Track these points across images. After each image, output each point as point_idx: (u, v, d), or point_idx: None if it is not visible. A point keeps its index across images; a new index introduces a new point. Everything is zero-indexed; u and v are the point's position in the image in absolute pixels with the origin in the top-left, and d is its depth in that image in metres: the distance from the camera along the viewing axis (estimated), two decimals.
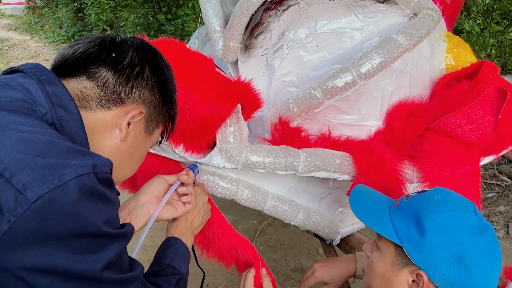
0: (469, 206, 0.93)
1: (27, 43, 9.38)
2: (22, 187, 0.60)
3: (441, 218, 0.89)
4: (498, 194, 3.22)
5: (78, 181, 0.63)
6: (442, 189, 0.99)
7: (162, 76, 0.88)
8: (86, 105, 0.79)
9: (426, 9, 1.48)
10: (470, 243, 0.86)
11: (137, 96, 0.83)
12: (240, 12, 1.36)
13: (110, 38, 0.84)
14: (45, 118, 0.72)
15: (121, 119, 0.82)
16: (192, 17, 6.43)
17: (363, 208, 1.06)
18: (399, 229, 0.93)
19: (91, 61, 0.80)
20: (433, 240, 0.88)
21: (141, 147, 0.90)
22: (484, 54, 4.34)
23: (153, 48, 0.90)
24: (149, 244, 2.76)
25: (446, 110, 1.45)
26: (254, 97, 1.26)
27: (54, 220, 0.61)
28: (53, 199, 0.61)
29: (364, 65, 1.28)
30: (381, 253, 0.97)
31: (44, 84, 0.75)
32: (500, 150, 1.46)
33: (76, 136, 0.75)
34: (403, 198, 1.00)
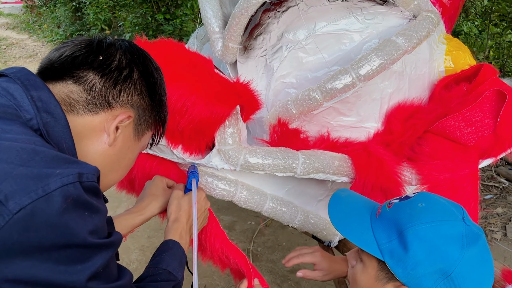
0: (457, 212, 0.86)
1: (25, 42, 9.37)
2: (4, 197, 0.58)
3: (425, 230, 0.82)
4: (496, 196, 3.22)
5: (62, 191, 0.61)
6: (426, 195, 0.91)
7: (151, 79, 0.86)
8: (73, 109, 0.77)
9: (426, 11, 1.48)
10: (457, 257, 0.80)
11: (125, 100, 0.81)
12: (240, 13, 1.36)
13: (97, 41, 0.82)
14: (30, 124, 0.71)
15: (109, 124, 0.80)
16: (190, 17, 6.42)
17: (343, 219, 0.97)
18: (381, 242, 0.86)
19: (78, 65, 0.78)
20: (417, 255, 0.81)
21: (130, 152, 0.88)
22: (482, 56, 4.34)
23: (142, 50, 0.88)
24: (146, 245, 2.76)
25: (445, 112, 1.45)
26: (253, 98, 1.25)
27: (37, 232, 0.59)
28: (36, 210, 0.59)
29: (364, 67, 1.28)
30: (364, 266, 0.92)
31: (29, 89, 0.73)
32: (498, 153, 1.46)
33: (62, 142, 0.74)
34: (385, 206, 0.92)
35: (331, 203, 1.02)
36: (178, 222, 1.09)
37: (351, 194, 1.07)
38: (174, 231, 1.08)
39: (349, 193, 1.08)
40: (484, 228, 2.85)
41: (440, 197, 0.91)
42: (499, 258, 2.55)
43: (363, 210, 0.97)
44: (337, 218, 0.98)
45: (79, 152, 0.78)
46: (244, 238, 2.80)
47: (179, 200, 1.13)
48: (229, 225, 2.91)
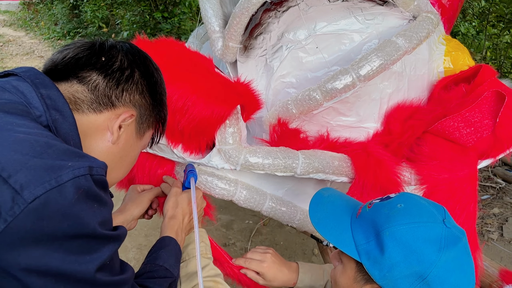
0: (437, 214, 0.84)
1: (22, 39, 9.33)
2: (19, 187, 0.60)
3: (402, 232, 0.80)
4: (493, 196, 3.23)
5: (74, 182, 0.64)
6: (407, 196, 0.89)
7: (151, 79, 0.89)
8: (78, 108, 0.80)
9: (426, 12, 1.48)
10: (434, 260, 0.78)
11: (128, 99, 0.84)
12: (240, 12, 1.36)
13: (99, 43, 0.85)
14: (40, 120, 0.73)
15: (112, 122, 0.82)
16: (188, 16, 6.41)
17: (323, 219, 0.95)
18: (359, 243, 0.85)
19: (81, 66, 0.81)
20: (393, 257, 0.80)
21: (132, 150, 0.90)
22: (479, 57, 4.35)
23: (142, 52, 0.90)
24: (144, 244, 2.75)
25: (444, 113, 1.45)
26: (253, 98, 1.25)
27: (50, 221, 0.61)
28: (49, 200, 0.61)
29: (364, 67, 1.28)
30: (343, 267, 0.91)
31: (38, 87, 0.75)
32: (497, 154, 1.46)
33: (70, 138, 0.76)
34: (366, 206, 0.91)
35: (312, 202, 1.01)
36: (175, 219, 1.11)
37: (334, 193, 1.06)
38: (170, 228, 1.09)
39: (332, 193, 1.06)
40: (480, 228, 2.86)
41: (422, 198, 0.90)
42: (495, 259, 2.55)
43: (344, 210, 0.95)
44: (317, 217, 0.96)
45: (84, 149, 0.80)
46: (241, 237, 2.80)
47: (177, 197, 1.15)
48: (227, 224, 2.91)
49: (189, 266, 1.12)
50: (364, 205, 0.92)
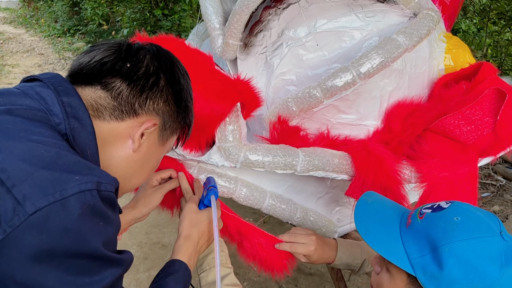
0: (494, 227, 0.81)
1: (22, 36, 9.32)
2: (22, 198, 0.58)
3: (462, 248, 0.78)
4: (493, 194, 3.23)
5: (79, 197, 0.62)
6: (461, 207, 0.85)
7: (177, 86, 0.86)
8: (100, 115, 0.79)
9: (426, 9, 1.48)
10: (496, 277, 0.76)
11: (151, 107, 0.82)
12: (240, 9, 1.36)
13: (126, 46, 0.83)
14: (59, 128, 0.72)
15: (134, 130, 0.81)
16: (189, 13, 6.41)
17: (371, 229, 0.92)
18: (412, 256, 0.83)
19: (106, 72, 0.79)
20: (453, 274, 0.77)
21: (154, 156, 0.89)
22: (480, 54, 4.34)
23: (170, 56, 0.88)
24: (144, 241, 2.76)
25: (444, 110, 1.45)
26: (254, 95, 1.25)
27: (50, 235, 0.59)
28: (51, 213, 0.59)
29: (364, 65, 1.28)
30: (391, 277, 0.88)
31: (61, 95, 0.75)
32: (498, 152, 1.46)
33: (87, 148, 0.75)
34: (416, 216, 0.88)
35: (357, 210, 0.98)
36: (190, 240, 1.04)
37: (378, 199, 1.03)
38: (184, 251, 1.02)
39: (376, 198, 1.03)
40: None
41: (476, 208, 0.87)
42: None
43: (392, 219, 0.92)
44: (364, 227, 0.93)
45: (104, 156, 0.79)
46: None
47: (195, 215, 1.08)
48: None
49: (209, 276, 1.12)
50: (413, 214, 0.89)
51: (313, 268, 2.58)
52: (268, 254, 1.27)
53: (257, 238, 1.27)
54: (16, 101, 0.72)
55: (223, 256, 1.18)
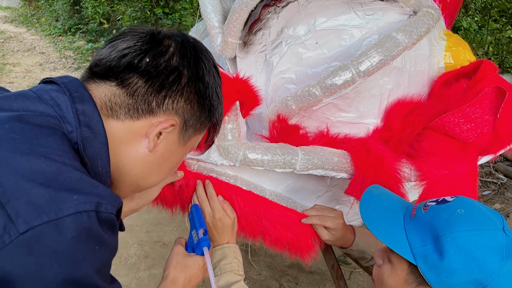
0: (497, 221, 0.82)
1: (23, 35, 9.33)
2: (15, 215, 0.55)
3: (464, 238, 0.79)
4: (494, 192, 3.23)
5: (75, 218, 0.58)
6: (466, 201, 0.87)
7: (201, 84, 0.81)
8: (114, 114, 0.76)
9: (426, 7, 1.47)
10: (496, 269, 0.77)
11: (170, 106, 0.78)
12: (239, 8, 1.35)
13: (149, 35, 0.78)
14: (70, 136, 0.70)
15: (151, 130, 0.77)
16: (189, 11, 6.40)
17: (375, 218, 0.94)
18: (414, 246, 0.84)
19: (124, 66, 0.75)
20: (453, 263, 0.79)
21: (174, 156, 0.85)
22: (481, 52, 4.34)
23: (196, 49, 0.82)
24: (145, 240, 2.76)
25: (444, 109, 1.45)
26: (253, 94, 1.25)
27: (40, 258, 0.56)
28: (43, 234, 0.56)
29: (363, 63, 1.28)
30: (392, 267, 0.89)
31: (75, 102, 0.72)
32: (498, 150, 1.46)
33: (97, 158, 0.73)
34: (421, 208, 0.89)
35: (363, 200, 1.00)
36: (175, 285, 0.98)
37: (384, 192, 1.05)
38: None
39: (382, 191, 1.05)
40: None
41: (480, 203, 0.88)
42: None
43: (397, 210, 0.94)
44: (369, 217, 0.95)
45: (119, 156, 0.76)
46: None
47: (183, 259, 1.03)
48: None
49: (220, 281, 1.13)
50: (418, 207, 0.91)
51: (314, 267, 2.58)
52: (293, 235, 1.28)
53: (280, 218, 1.27)
54: (30, 106, 0.70)
55: (236, 263, 1.17)
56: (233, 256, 1.18)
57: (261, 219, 1.26)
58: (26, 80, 5.98)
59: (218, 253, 1.19)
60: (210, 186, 1.23)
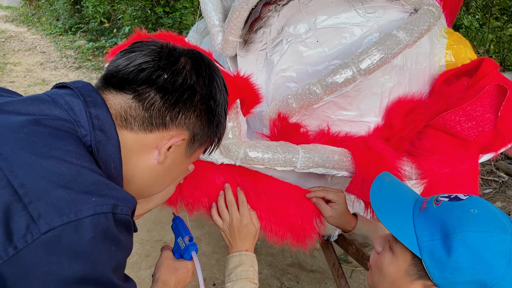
0: (508, 226, 0.81)
1: (23, 35, 9.33)
2: (37, 215, 0.58)
3: (474, 239, 0.78)
4: (495, 190, 3.23)
5: (94, 219, 0.61)
6: (479, 201, 0.86)
7: (212, 102, 0.84)
8: (128, 125, 0.78)
9: (427, 5, 1.47)
10: (502, 273, 0.77)
11: (182, 121, 0.81)
12: (240, 6, 1.35)
13: (166, 52, 0.80)
14: (84, 140, 0.72)
15: (162, 143, 0.80)
16: (190, 10, 6.40)
17: (385, 206, 0.93)
18: (421, 239, 0.83)
19: (142, 80, 0.77)
20: (460, 262, 0.78)
21: (179, 168, 0.88)
22: (482, 50, 4.33)
23: (211, 69, 0.85)
24: (146, 239, 2.76)
25: (445, 107, 1.44)
26: (253, 92, 1.25)
27: (60, 257, 0.58)
28: (63, 234, 0.59)
29: (364, 61, 1.27)
30: (394, 257, 0.89)
31: (89, 106, 0.74)
32: (499, 148, 1.46)
33: (110, 161, 0.75)
34: (432, 202, 0.88)
35: (373, 187, 1.00)
36: (167, 286, 1.04)
37: (395, 180, 1.04)
38: None
39: (393, 180, 1.04)
40: None
41: (492, 205, 0.87)
42: None
43: (407, 201, 0.93)
44: (379, 204, 0.94)
45: (128, 166, 0.79)
46: None
47: (172, 262, 1.10)
48: None
49: (235, 286, 1.15)
50: (429, 200, 0.90)
51: (315, 265, 2.59)
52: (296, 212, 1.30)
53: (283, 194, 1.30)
54: (46, 110, 0.72)
55: (252, 271, 1.19)
56: (249, 264, 1.20)
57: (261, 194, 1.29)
58: (27, 80, 5.98)
59: (236, 259, 1.21)
60: (241, 193, 1.27)
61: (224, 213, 1.25)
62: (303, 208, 1.33)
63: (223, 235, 1.27)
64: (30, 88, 5.60)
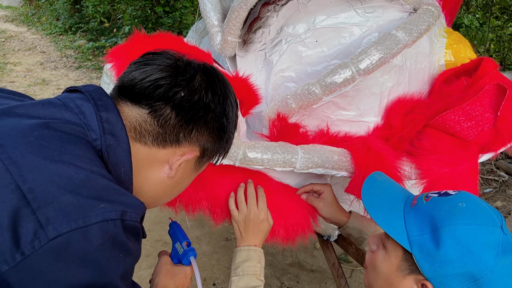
0: (496, 220, 0.83)
1: (23, 35, 9.33)
2: (45, 221, 0.58)
3: (462, 231, 0.80)
4: (496, 190, 3.23)
5: (102, 226, 0.61)
6: (468, 196, 0.88)
7: (225, 120, 0.85)
8: (142, 139, 0.78)
9: (426, 4, 1.47)
10: (490, 264, 0.78)
11: (195, 138, 0.82)
12: (239, 6, 1.35)
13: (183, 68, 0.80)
14: (95, 144, 0.72)
15: (174, 159, 0.81)
16: (190, 10, 6.40)
17: (376, 203, 0.96)
18: (411, 234, 0.85)
19: (159, 97, 0.77)
20: (449, 254, 0.79)
21: (187, 181, 0.90)
22: (483, 49, 4.32)
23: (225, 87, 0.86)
24: (146, 238, 2.75)
25: (445, 106, 1.44)
26: (252, 93, 1.25)
27: (67, 264, 0.58)
28: (71, 240, 0.58)
29: (363, 61, 1.27)
30: (387, 254, 0.91)
31: (100, 110, 0.75)
32: (498, 147, 1.45)
33: (120, 165, 0.75)
34: (422, 198, 0.90)
35: (365, 185, 1.02)
36: None
37: (386, 179, 1.06)
38: None
39: (384, 178, 1.06)
40: None
41: (481, 200, 0.89)
42: None
43: (398, 198, 0.95)
44: (370, 201, 0.97)
45: (138, 177, 0.79)
46: None
47: (171, 267, 1.10)
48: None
49: (240, 282, 1.16)
50: (419, 197, 0.92)
51: (315, 265, 2.59)
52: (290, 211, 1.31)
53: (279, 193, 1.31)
54: (56, 114, 0.72)
55: (259, 267, 1.20)
56: (257, 260, 1.21)
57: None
58: (27, 80, 5.98)
59: (244, 254, 1.22)
60: (261, 189, 1.28)
61: (242, 204, 1.25)
62: (297, 205, 1.34)
63: (235, 226, 1.27)
64: (30, 88, 5.60)
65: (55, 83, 5.90)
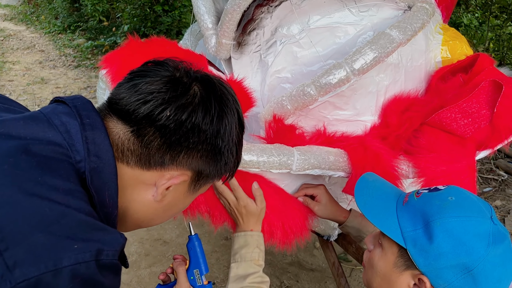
0: (486, 211, 0.85)
1: (22, 33, 9.32)
2: (12, 264, 0.54)
3: (453, 224, 0.82)
4: (495, 189, 3.22)
5: (73, 269, 0.57)
6: (457, 189, 0.91)
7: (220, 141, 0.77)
8: (124, 158, 0.73)
9: (420, 2, 1.46)
10: (482, 254, 0.80)
11: (184, 161, 0.75)
12: (232, 9, 1.35)
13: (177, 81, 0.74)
14: (78, 166, 0.68)
15: (160, 182, 0.75)
16: (189, 9, 6.38)
17: (369, 202, 0.97)
18: (405, 230, 0.87)
19: (142, 116, 0.71)
20: (441, 247, 0.82)
21: (181, 204, 0.84)
22: (482, 48, 4.31)
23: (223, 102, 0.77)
24: (146, 238, 2.77)
25: (441, 104, 1.44)
26: (246, 96, 1.24)
27: None
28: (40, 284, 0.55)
29: (358, 61, 1.27)
30: (383, 252, 0.92)
31: (86, 129, 0.70)
32: (495, 144, 1.45)
33: (105, 189, 0.70)
34: (413, 195, 0.93)
35: (357, 186, 1.03)
36: None
37: (378, 179, 1.08)
38: None
39: (376, 178, 1.08)
40: None
41: (470, 193, 0.91)
42: None
43: (390, 196, 0.98)
44: (363, 201, 0.98)
45: (123, 198, 0.74)
46: None
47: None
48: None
49: (239, 268, 1.17)
50: (410, 194, 0.94)
51: (315, 264, 2.59)
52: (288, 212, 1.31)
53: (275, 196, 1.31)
54: (39, 133, 0.67)
55: (257, 253, 1.20)
56: (255, 245, 1.21)
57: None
58: (26, 78, 5.98)
59: (241, 240, 1.22)
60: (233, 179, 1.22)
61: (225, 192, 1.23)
62: (294, 206, 1.34)
63: (231, 215, 1.27)
64: (29, 86, 5.61)
65: (54, 82, 5.90)
